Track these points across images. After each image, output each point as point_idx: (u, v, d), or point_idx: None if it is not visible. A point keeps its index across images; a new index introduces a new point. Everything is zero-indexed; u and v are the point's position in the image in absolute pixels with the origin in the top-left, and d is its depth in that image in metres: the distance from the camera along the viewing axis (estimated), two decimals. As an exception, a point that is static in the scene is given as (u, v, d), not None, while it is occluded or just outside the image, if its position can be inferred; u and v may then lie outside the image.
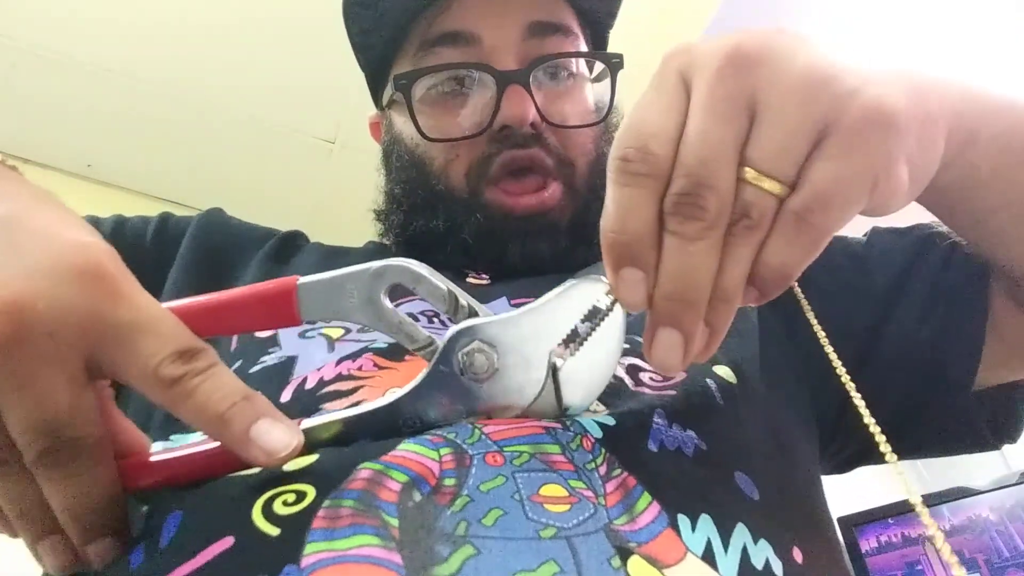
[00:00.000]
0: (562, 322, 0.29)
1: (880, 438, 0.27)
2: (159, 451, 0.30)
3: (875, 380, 0.49)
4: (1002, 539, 1.28)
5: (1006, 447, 0.52)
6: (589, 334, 0.29)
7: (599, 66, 0.59)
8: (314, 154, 1.76)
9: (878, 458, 0.55)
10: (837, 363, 0.29)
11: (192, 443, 0.29)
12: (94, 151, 1.76)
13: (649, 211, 0.25)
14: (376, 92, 0.63)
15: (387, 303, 0.30)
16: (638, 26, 1.39)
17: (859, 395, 0.29)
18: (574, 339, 0.30)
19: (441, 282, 0.30)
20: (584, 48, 0.59)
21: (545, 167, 0.53)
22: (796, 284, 0.37)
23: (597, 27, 0.62)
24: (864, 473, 0.58)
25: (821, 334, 0.30)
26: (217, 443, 0.28)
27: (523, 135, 0.52)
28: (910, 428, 0.50)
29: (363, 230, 0.64)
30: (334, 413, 0.30)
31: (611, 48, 0.64)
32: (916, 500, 0.24)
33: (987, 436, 0.49)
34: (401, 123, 0.58)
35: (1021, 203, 0.37)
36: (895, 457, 0.27)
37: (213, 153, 1.77)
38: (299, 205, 1.91)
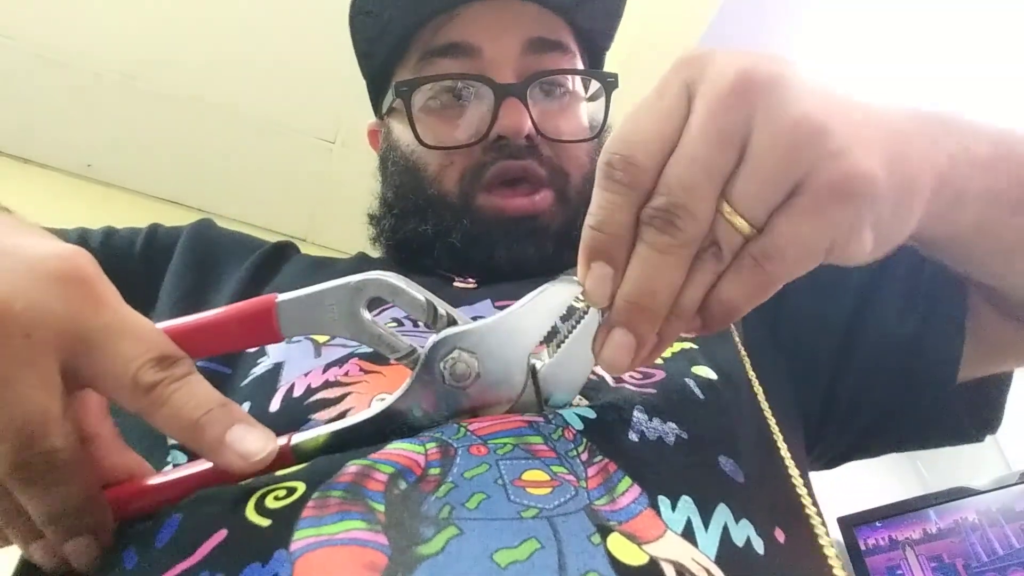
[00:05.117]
0: (539, 324, 0.30)
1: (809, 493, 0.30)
2: (154, 476, 0.30)
3: (859, 375, 0.50)
4: (981, 544, 1.29)
5: (1007, 447, 0.52)
6: (567, 334, 0.30)
7: (594, 85, 0.60)
8: (314, 154, 1.77)
9: (865, 454, 0.56)
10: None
11: (186, 465, 0.30)
12: (94, 151, 1.77)
13: (626, 216, 0.27)
14: (376, 100, 0.64)
15: (367, 316, 0.30)
16: (635, 33, 1.40)
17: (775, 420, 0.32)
18: (552, 339, 0.31)
19: (419, 293, 0.30)
20: (580, 67, 0.60)
21: (538, 177, 0.54)
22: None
23: (594, 47, 0.63)
24: (863, 474, 0.59)
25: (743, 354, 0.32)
26: (209, 464, 0.28)
27: (518, 146, 0.53)
28: (893, 423, 0.51)
29: (363, 230, 0.65)
30: (323, 427, 0.30)
31: (609, 57, 0.65)
32: (817, 520, 0.28)
33: (968, 428, 0.50)
34: (399, 130, 0.59)
35: (1007, 251, 0.37)
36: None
37: (213, 153, 1.77)
38: (299, 205, 1.92)
